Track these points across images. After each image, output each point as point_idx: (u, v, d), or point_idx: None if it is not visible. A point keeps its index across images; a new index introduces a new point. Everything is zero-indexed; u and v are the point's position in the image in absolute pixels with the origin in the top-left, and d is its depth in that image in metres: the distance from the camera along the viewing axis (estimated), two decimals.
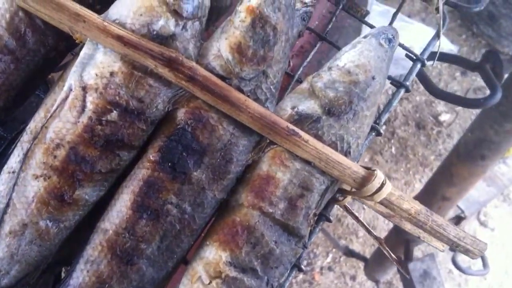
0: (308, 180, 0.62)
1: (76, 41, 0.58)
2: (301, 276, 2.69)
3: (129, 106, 0.57)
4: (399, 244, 1.82)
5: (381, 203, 0.65)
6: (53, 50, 0.62)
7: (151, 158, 0.59)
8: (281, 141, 0.61)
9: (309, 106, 0.63)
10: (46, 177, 0.57)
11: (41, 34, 0.60)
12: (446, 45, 3.31)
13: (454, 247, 0.67)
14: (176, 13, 0.58)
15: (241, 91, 0.60)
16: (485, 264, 1.70)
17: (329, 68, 0.65)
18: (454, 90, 3.36)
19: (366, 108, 0.64)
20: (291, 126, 0.61)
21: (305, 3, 0.72)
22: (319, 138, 0.63)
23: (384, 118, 0.75)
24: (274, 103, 0.64)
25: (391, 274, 2.37)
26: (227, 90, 0.59)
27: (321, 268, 2.85)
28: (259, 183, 0.62)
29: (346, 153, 0.64)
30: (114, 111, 0.57)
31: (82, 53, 0.58)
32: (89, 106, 0.57)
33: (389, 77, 0.76)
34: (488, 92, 1.16)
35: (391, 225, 2.86)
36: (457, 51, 3.48)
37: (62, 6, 0.56)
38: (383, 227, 2.98)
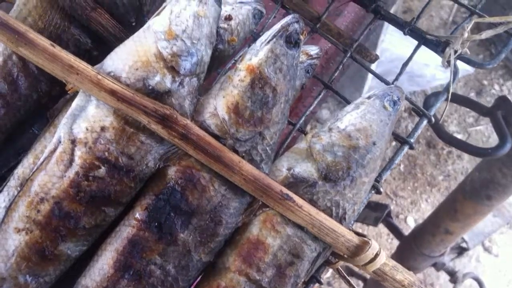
0: (299, 247, 0.60)
1: (68, 92, 0.57)
2: None
3: (118, 162, 0.55)
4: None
5: (374, 272, 0.63)
6: (46, 96, 0.60)
7: (138, 216, 0.57)
8: (274, 204, 0.59)
9: (306, 169, 0.61)
10: (28, 231, 0.55)
11: (34, 79, 0.59)
12: (462, 65, 3.26)
13: None
14: (173, 70, 0.56)
15: (236, 151, 0.58)
16: None
17: (330, 129, 0.63)
18: (467, 111, 3.32)
19: (365, 174, 0.62)
20: (285, 190, 0.59)
21: (310, 55, 0.69)
22: (313, 203, 0.60)
23: (385, 176, 0.73)
24: (269, 164, 0.62)
25: None
26: (220, 151, 0.57)
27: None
28: (248, 247, 0.59)
29: (341, 219, 0.62)
30: (102, 167, 0.55)
31: (74, 104, 0.56)
32: (77, 161, 0.55)
33: (393, 133, 0.74)
34: None
35: (394, 244, 2.83)
36: (473, 71, 3.43)
37: (55, 56, 0.54)
38: (386, 246, 2.95)
